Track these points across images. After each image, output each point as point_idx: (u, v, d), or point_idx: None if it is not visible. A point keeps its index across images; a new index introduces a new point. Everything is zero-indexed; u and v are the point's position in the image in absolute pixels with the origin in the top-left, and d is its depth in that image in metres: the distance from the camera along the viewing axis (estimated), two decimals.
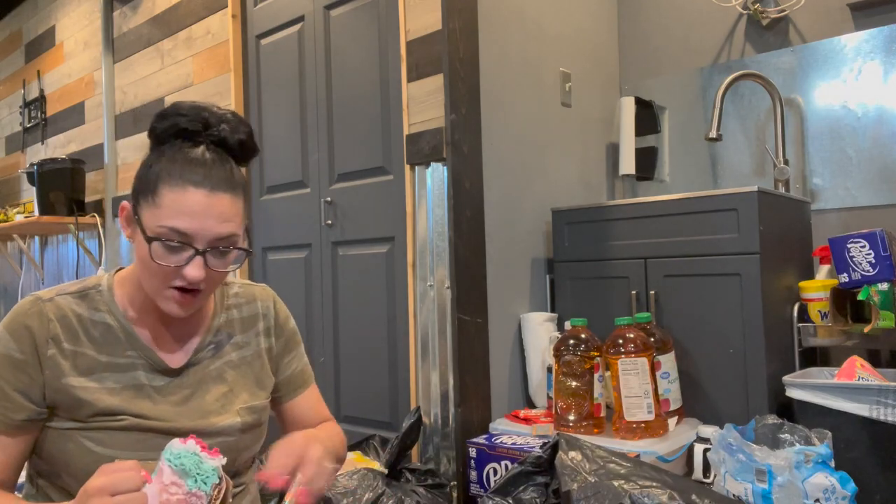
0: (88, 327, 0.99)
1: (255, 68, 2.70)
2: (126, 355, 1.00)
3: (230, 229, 0.95)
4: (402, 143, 2.09)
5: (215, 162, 0.95)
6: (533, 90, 2.26)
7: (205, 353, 1.07)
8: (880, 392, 1.49)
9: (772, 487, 1.38)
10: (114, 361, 0.99)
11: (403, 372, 2.09)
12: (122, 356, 1.00)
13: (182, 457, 0.82)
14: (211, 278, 0.96)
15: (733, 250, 1.80)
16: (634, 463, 1.43)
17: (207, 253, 0.94)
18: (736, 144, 2.39)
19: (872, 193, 2.11)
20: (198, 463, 0.82)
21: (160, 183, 0.92)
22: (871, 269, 1.76)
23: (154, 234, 0.92)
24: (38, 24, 4.12)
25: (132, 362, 1.00)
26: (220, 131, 0.97)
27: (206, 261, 0.94)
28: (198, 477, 0.82)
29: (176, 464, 0.81)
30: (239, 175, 0.99)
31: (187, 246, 0.92)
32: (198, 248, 0.93)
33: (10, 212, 3.85)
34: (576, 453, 1.44)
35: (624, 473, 1.38)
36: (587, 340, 1.82)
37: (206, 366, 1.06)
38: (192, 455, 0.82)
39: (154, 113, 0.99)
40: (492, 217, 2.07)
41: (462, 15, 2.00)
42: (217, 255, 0.95)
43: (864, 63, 2.14)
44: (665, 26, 2.59)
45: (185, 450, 0.83)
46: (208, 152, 0.96)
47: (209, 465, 0.83)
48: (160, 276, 0.94)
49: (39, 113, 4.06)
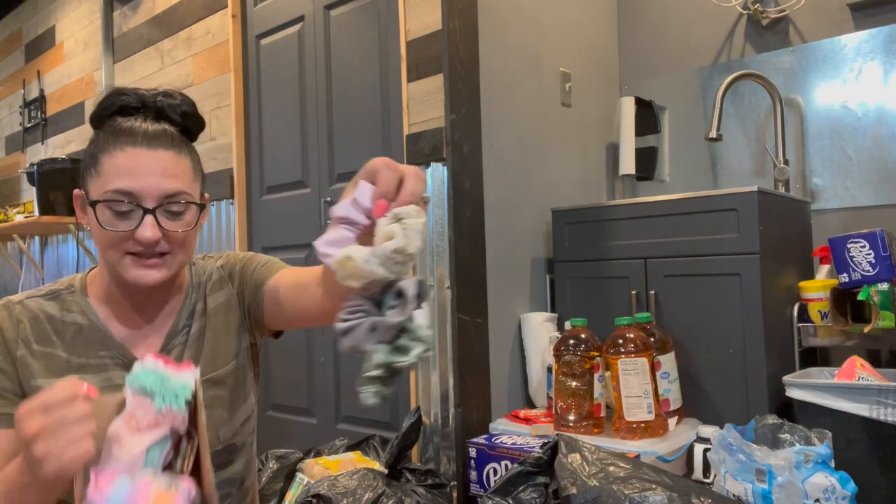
0: (60, 329, 0.98)
1: (255, 68, 2.70)
2: (98, 356, 0.98)
3: (177, 186, 0.93)
4: (402, 143, 2.09)
5: (155, 129, 0.94)
6: (533, 90, 2.26)
7: (179, 339, 1.04)
8: (880, 392, 1.49)
9: (772, 487, 1.38)
10: (86, 363, 0.98)
11: (403, 372, 2.09)
12: (94, 357, 0.98)
13: (140, 377, 0.73)
14: (171, 239, 0.94)
15: (733, 250, 1.80)
16: (634, 465, 1.42)
17: (157, 212, 0.92)
18: (736, 144, 2.39)
19: (872, 193, 2.11)
20: (162, 380, 0.73)
21: (99, 154, 0.92)
22: (871, 269, 1.76)
23: (101, 199, 0.91)
24: (38, 24, 4.12)
25: (104, 363, 0.98)
26: (158, 103, 0.97)
27: (158, 221, 0.92)
28: (166, 395, 0.73)
29: (136, 386, 0.73)
30: (183, 139, 0.98)
31: (136, 207, 0.91)
32: (146, 206, 0.91)
33: (10, 212, 3.85)
34: (575, 455, 1.44)
35: (623, 476, 1.38)
36: (587, 340, 1.82)
37: (179, 351, 1.03)
38: (152, 373, 0.73)
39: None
40: (492, 217, 2.07)
41: (462, 15, 2.00)
42: (170, 216, 0.93)
43: (864, 63, 2.14)
44: (665, 26, 2.58)
45: (143, 369, 0.74)
46: (147, 122, 0.95)
47: (177, 381, 0.74)
48: (116, 244, 0.92)
49: (39, 113, 4.06)
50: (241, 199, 2.71)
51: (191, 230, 0.96)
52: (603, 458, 1.43)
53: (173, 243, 0.95)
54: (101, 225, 0.91)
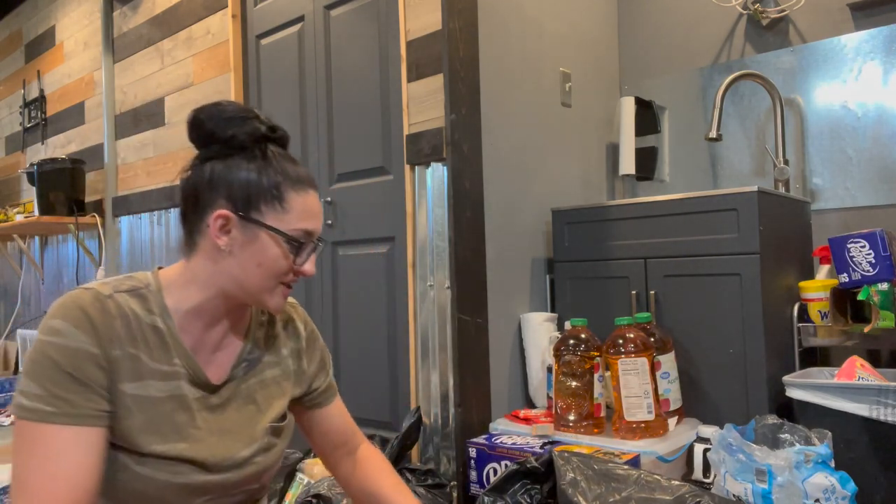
0: (144, 330, 0.95)
1: (255, 68, 2.70)
2: (172, 363, 0.96)
3: None
4: (402, 143, 2.09)
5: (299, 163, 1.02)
6: (533, 90, 2.26)
7: (239, 370, 1.04)
8: (880, 392, 1.49)
9: (772, 487, 1.38)
10: (160, 369, 0.95)
11: (403, 372, 2.09)
12: (168, 364, 0.96)
13: None
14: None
15: (733, 250, 1.80)
16: (636, 483, 1.39)
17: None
18: (736, 144, 2.39)
19: (872, 193, 2.12)
20: None
21: (283, 188, 0.97)
22: (871, 269, 1.76)
23: (293, 236, 0.97)
24: (38, 24, 4.12)
25: (177, 371, 0.96)
26: (282, 133, 1.03)
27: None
28: None
29: None
30: None
31: (312, 245, 1.00)
32: (317, 244, 1.01)
33: (10, 212, 3.85)
34: (573, 474, 1.41)
35: (625, 496, 1.36)
36: (587, 340, 1.82)
37: (238, 383, 1.04)
38: None
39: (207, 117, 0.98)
40: (492, 217, 2.07)
41: (462, 15, 2.00)
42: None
43: (864, 63, 2.15)
44: (665, 26, 2.59)
45: None
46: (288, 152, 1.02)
47: None
48: (278, 275, 0.98)
49: (39, 113, 4.06)
50: None
51: None
52: (603, 473, 1.40)
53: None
54: (284, 257, 0.97)
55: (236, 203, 0.95)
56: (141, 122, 3.27)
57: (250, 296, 0.99)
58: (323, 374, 1.18)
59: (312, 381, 1.16)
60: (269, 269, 0.97)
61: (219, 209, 0.96)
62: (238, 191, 0.95)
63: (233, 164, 0.96)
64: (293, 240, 0.97)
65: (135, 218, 3.31)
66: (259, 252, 0.96)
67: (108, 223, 3.44)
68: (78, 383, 0.87)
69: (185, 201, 0.99)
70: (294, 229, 0.97)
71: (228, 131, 0.96)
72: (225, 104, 0.98)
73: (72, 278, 3.67)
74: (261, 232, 0.96)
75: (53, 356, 0.87)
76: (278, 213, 0.96)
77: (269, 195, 0.96)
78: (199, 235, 0.98)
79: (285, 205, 0.96)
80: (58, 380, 0.87)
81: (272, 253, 0.96)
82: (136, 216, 3.29)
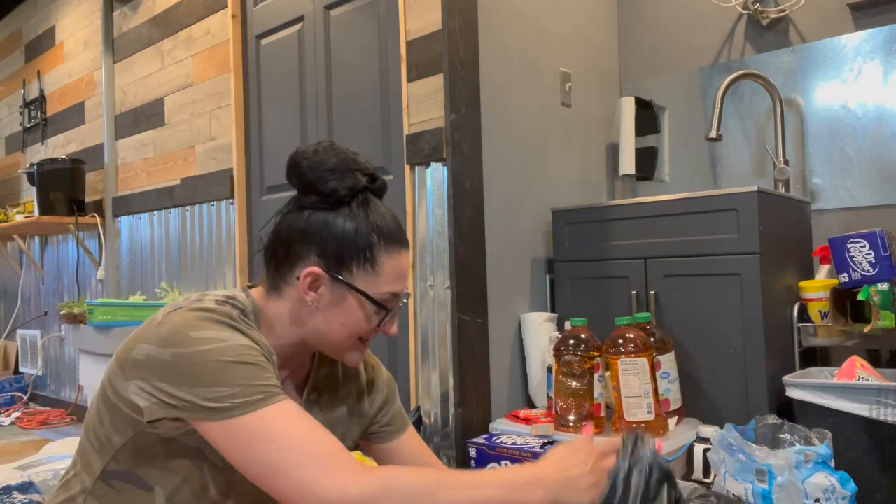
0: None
1: (255, 68, 2.70)
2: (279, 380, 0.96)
3: None
4: (402, 143, 2.09)
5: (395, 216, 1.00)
6: (533, 90, 2.26)
7: (313, 396, 1.06)
8: (880, 392, 1.49)
9: (772, 487, 1.38)
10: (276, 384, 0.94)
11: (403, 372, 2.09)
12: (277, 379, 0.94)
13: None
14: None
15: (733, 250, 1.80)
16: None
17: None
18: (736, 144, 2.39)
19: (872, 193, 2.11)
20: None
21: (376, 250, 0.96)
22: (871, 269, 1.76)
23: (382, 301, 0.96)
24: (38, 24, 4.12)
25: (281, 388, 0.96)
26: (382, 183, 1.00)
27: None
28: None
29: None
30: None
31: (393, 307, 0.99)
32: (401, 304, 1.00)
33: (10, 212, 3.85)
34: None
35: None
36: (587, 340, 1.82)
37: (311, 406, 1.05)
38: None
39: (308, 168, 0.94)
40: (492, 217, 2.07)
41: (462, 15, 2.00)
42: None
43: (864, 63, 2.14)
44: (665, 26, 2.59)
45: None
46: (384, 206, 0.99)
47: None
48: (359, 333, 0.98)
49: (39, 113, 4.06)
50: (241, 199, 2.72)
51: None
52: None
53: None
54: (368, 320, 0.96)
55: (328, 261, 0.95)
56: (141, 122, 3.27)
57: (330, 349, 1.00)
58: (387, 408, 1.17)
59: (374, 417, 1.15)
60: (352, 329, 0.97)
61: (310, 266, 0.95)
62: (332, 249, 0.94)
63: (330, 218, 0.95)
64: (380, 304, 0.96)
65: (135, 218, 3.31)
66: (344, 313, 0.96)
67: (108, 223, 3.44)
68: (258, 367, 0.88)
69: (275, 244, 0.98)
70: (382, 293, 0.96)
71: (330, 185, 0.94)
72: (329, 153, 0.95)
73: (72, 278, 3.67)
74: (349, 294, 0.95)
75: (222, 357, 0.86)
76: (369, 275, 0.95)
77: (362, 257, 0.95)
78: (287, 285, 0.97)
79: (377, 268, 0.95)
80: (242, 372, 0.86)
81: (357, 316, 0.96)
82: (136, 216, 3.29)
